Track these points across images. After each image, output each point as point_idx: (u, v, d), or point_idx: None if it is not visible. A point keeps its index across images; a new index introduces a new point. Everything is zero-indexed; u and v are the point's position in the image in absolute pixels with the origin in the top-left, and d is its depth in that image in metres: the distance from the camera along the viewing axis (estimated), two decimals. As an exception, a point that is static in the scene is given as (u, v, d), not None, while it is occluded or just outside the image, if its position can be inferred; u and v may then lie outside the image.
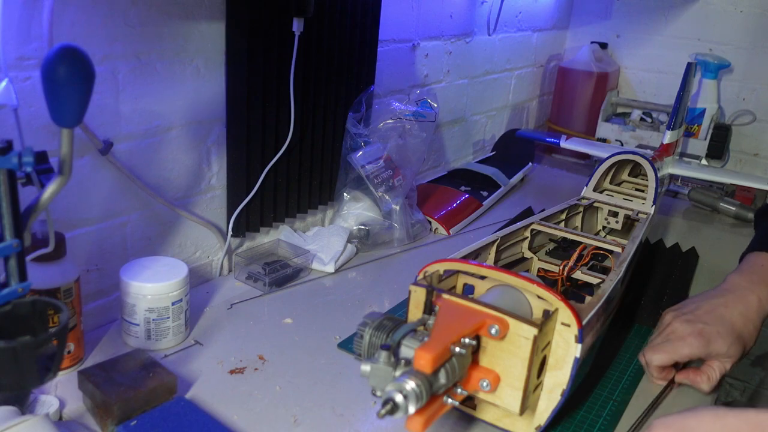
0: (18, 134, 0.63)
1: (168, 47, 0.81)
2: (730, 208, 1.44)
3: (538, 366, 0.60)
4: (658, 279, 1.04)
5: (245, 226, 0.99)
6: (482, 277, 0.70)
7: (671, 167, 1.31)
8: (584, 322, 0.62)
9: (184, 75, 0.84)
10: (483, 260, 0.82)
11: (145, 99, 0.80)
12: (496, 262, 0.85)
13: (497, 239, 0.84)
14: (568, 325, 0.60)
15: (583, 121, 1.85)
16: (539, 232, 0.94)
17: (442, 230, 1.23)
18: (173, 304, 0.76)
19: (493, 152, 1.68)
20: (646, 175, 1.10)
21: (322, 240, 1.06)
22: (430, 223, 1.23)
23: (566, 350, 0.61)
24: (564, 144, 1.47)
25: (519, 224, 0.91)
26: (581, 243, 0.89)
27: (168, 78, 0.82)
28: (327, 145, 1.09)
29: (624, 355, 0.85)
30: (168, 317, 0.76)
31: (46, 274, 0.67)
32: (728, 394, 1.33)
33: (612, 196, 1.12)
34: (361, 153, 1.10)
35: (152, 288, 0.74)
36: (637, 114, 1.78)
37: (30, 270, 0.56)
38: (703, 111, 1.65)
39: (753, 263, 0.85)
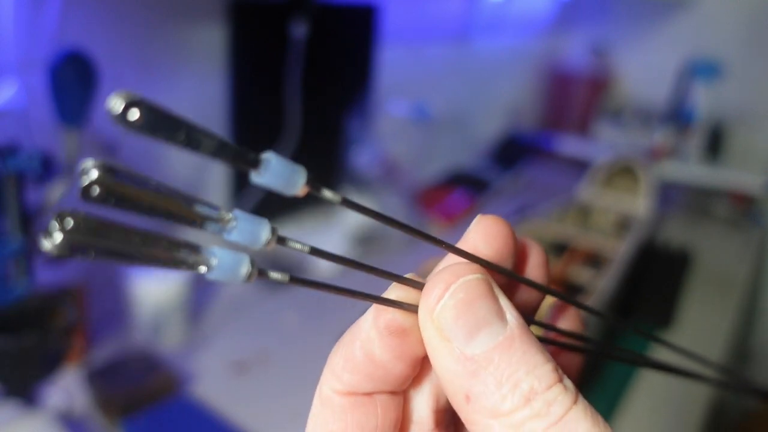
0: (25, 136, 0.64)
1: (171, 49, 0.82)
2: (725, 208, 1.46)
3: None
4: (653, 279, 1.06)
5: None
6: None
7: (666, 168, 1.33)
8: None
9: (186, 76, 0.85)
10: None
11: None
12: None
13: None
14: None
15: (580, 122, 1.86)
16: (535, 231, 0.96)
17: (440, 230, 1.24)
18: (178, 300, 0.77)
19: (491, 152, 1.70)
20: (642, 176, 1.12)
21: (322, 240, 1.07)
22: (429, 222, 1.24)
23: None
24: (560, 145, 1.48)
25: (515, 223, 0.92)
26: (576, 243, 0.90)
27: (171, 79, 0.83)
28: (327, 145, 1.10)
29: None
30: (173, 313, 0.77)
31: (53, 273, 0.68)
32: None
33: (607, 196, 1.14)
34: (361, 153, 1.11)
35: (158, 284, 0.75)
36: (632, 115, 1.80)
37: (37, 269, 0.57)
38: (699, 112, 1.67)
39: None
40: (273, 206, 1.03)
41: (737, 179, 1.39)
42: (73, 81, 0.57)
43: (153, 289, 0.75)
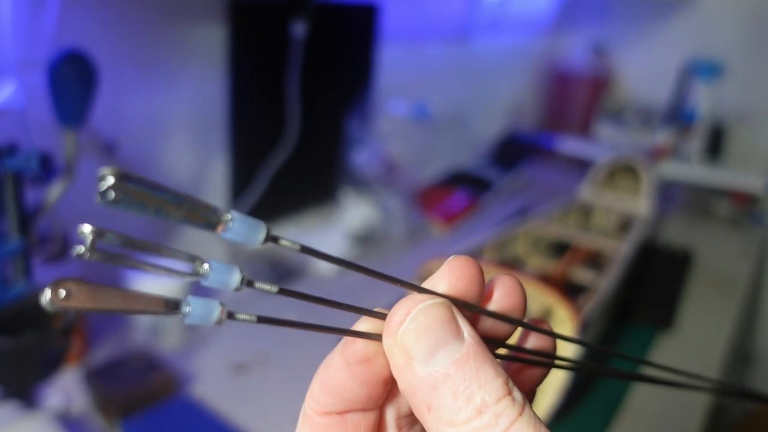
0: (24, 136, 0.64)
1: (171, 49, 0.82)
2: (726, 208, 1.46)
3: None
4: (654, 279, 1.05)
5: (246, 226, 1.00)
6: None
7: (667, 168, 1.33)
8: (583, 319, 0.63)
9: (186, 76, 0.85)
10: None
11: (148, 100, 0.81)
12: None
13: (495, 238, 0.85)
14: (567, 321, 0.62)
15: (580, 122, 1.86)
16: (536, 231, 0.95)
17: (441, 230, 1.24)
18: (175, 302, 0.77)
19: (492, 152, 1.70)
20: (643, 176, 1.12)
21: (322, 240, 1.07)
22: (429, 222, 1.24)
23: (565, 347, 0.62)
24: (561, 145, 1.48)
25: (516, 224, 0.92)
26: (577, 243, 0.90)
27: (171, 79, 0.83)
28: (327, 145, 1.10)
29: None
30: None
31: (52, 273, 0.68)
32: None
33: (608, 196, 1.13)
34: (361, 153, 1.11)
35: (156, 285, 0.75)
36: (633, 115, 1.80)
37: (36, 269, 0.57)
38: (699, 112, 1.66)
39: None
40: (272, 207, 1.03)
41: (738, 179, 1.39)
42: (72, 81, 0.57)
43: (152, 290, 0.75)
